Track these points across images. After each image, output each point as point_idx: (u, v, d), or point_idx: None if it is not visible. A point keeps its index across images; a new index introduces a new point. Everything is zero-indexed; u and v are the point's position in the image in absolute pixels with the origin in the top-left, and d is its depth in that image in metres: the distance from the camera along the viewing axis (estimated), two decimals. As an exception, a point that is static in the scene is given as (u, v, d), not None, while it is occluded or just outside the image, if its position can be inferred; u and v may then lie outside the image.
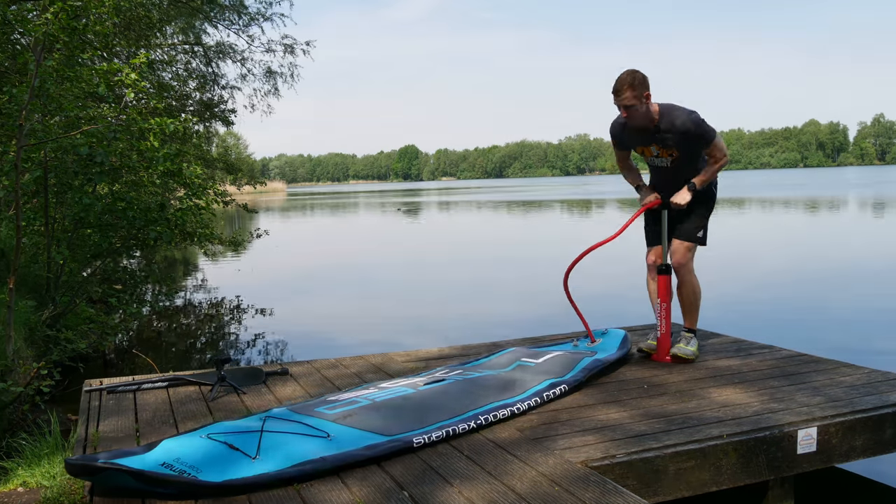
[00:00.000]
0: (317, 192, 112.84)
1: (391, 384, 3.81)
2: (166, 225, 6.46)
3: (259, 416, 3.28)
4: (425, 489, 2.64)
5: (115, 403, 3.80)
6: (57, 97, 5.05)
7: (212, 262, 15.73)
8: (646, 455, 2.97)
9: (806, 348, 4.85)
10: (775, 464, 3.22)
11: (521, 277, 12.22)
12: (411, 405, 3.40)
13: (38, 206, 6.49)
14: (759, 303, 9.04)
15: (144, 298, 10.58)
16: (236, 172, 13.85)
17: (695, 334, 4.53)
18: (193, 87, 13.79)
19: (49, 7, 4.83)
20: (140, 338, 8.21)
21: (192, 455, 2.84)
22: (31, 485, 2.99)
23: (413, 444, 3.04)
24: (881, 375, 4.01)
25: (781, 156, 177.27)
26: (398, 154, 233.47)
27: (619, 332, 4.66)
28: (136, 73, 5.72)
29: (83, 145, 5.15)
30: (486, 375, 3.87)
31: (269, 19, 14.12)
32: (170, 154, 6.42)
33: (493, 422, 3.35)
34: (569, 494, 2.56)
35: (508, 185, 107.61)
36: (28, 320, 5.42)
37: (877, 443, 3.44)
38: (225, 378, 3.95)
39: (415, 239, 20.98)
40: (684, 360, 4.38)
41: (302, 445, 2.93)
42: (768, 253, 14.06)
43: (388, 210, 39.82)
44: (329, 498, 2.59)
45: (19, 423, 4.34)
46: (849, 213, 25.09)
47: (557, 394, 3.73)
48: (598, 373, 4.16)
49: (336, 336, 8.12)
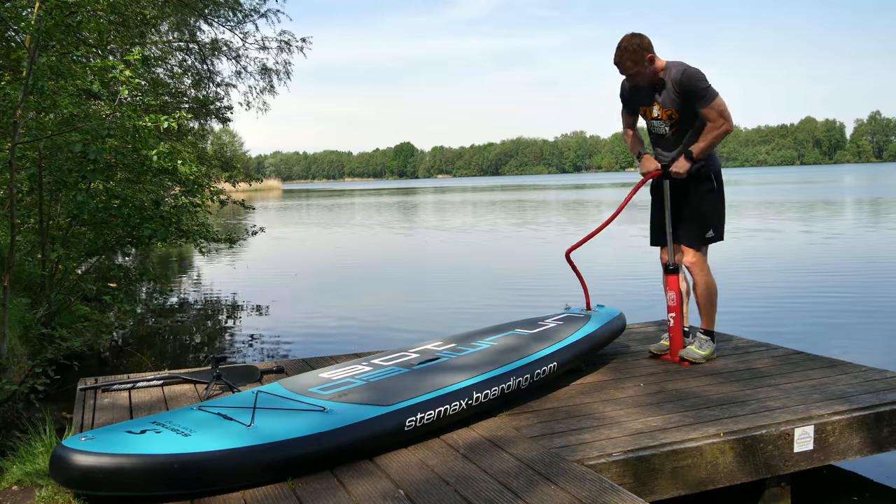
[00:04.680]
0: (312, 189, 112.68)
1: (385, 361, 3.75)
2: (161, 222, 6.44)
3: (252, 390, 3.26)
4: (421, 487, 2.62)
5: (110, 402, 3.79)
6: (51, 94, 5.02)
7: (207, 259, 15.71)
8: (642, 453, 2.96)
9: (803, 346, 4.85)
10: (772, 462, 3.21)
11: (522, 275, 12.22)
12: (407, 382, 3.35)
13: (32, 203, 6.47)
14: (757, 301, 9.04)
15: (139, 296, 10.56)
16: (231, 170, 13.80)
17: (711, 337, 4.39)
18: (188, 84, 13.74)
19: (43, 3, 4.81)
20: (135, 336, 8.18)
21: (184, 420, 2.82)
22: (25, 483, 2.97)
23: (407, 423, 3.01)
24: (878, 374, 4.01)
25: (778, 153, 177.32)
26: (394, 151, 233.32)
27: (615, 310, 4.63)
28: (130, 70, 5.69)
29: (77, 142, 5.13)
30: (481, 349, 3.83)
31: (263, 16, 14.09)
32: (163, 152, 6.40)
33: (483, 402, 3.33)
34: (565, 493, 2.55)
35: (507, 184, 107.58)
36: (22, 318, 5.39)
37: (874, 441, 3.44)
38: (220, 376, 3.94)
39: (414, 238, 20.96)
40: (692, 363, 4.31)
41: (298, 418, 2.89)
42: (766, 251, 14.07)
43: (386, 208, 39.80)
44: (324, 496, 2.57)
45: (14, 421, 4.33)
46: (848, 212, 25.13)
47: (551, 369, 3.72)
48: (593, 345, 4.14)
49: (332, 334, 8.10)
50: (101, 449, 2.54)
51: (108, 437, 2.66)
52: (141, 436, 2.67)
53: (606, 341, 4.34)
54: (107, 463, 2.50)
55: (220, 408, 2.98)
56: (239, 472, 2.63)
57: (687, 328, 4.50)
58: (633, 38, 4.03)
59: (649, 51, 4.02)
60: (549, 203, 38.24)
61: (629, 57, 4.02)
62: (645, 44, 4.02)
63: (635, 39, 4.02)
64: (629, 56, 4.02)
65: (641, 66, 4.03)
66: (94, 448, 2.55)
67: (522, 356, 3.67)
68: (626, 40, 4.03)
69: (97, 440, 2.61)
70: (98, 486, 2.51)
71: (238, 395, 3.28)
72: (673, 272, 4.33)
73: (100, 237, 6.97)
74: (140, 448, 2.57)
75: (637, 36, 4.04)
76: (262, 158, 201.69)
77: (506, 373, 3.49)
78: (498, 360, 3.61)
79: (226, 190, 10.53)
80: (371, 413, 2.97)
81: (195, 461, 2.56)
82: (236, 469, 2.62)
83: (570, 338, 3.98)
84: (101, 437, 2.64)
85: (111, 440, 2.62)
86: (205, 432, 2.72)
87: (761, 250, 14.14)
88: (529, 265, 13.53)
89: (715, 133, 4.06)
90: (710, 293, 4.35)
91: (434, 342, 4.11)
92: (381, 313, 9.34)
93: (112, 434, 2.69)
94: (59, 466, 2.55)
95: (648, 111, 4.27)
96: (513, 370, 3.53)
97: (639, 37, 4.03)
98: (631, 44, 4.01)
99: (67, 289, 6.84)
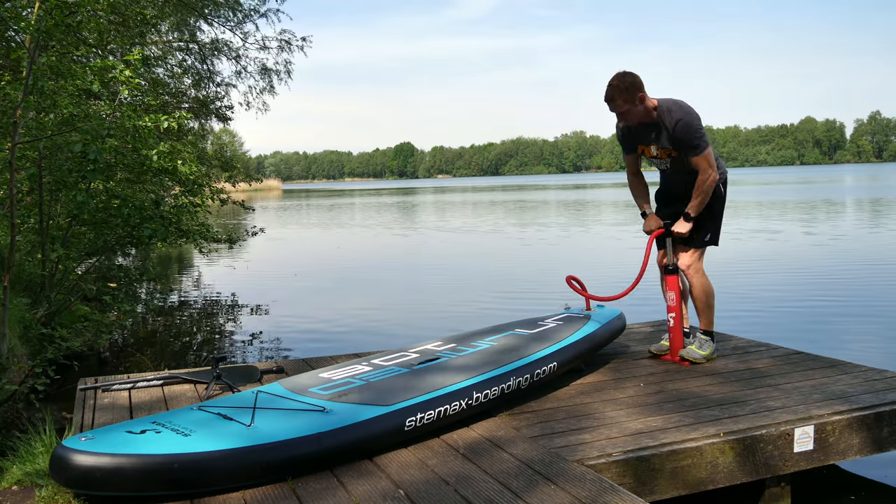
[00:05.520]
0: (312, 189, 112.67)
1: (385, 361, 3.75)
2: (161, 222, 6.44)
3: (252, 390, 3.26)
4: (421, 487, 2.62)
5: (110, 402, 3.79)
6: (51, 94, 5.02)
7: (207, 259, 15.70)
8: (642, 453, 2.96)
9: (803, 346, 4.85)
10: (772, 462, 3.21)
11: (522, 275, 12.22)
12: (407, 382, 3.36)
13: (32, 203, 6.47)
14: (757, 301, 9.04)
15: (139, 296, 10.56)
16: (232, 170, 13.79)
17: (711, 337, 4.42)
18: (188, 83, 13.74)
19: (43, 3, 4.81)
20: (135, 336, 8.18)
21: (184, 420, 2.82)
22: (25, 483, 2.97)
23: (407, 423, 3.01)
24: (878, 374, 4.01)
25: (778, 153, 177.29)
26: (394, 151, 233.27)
27: (615, 310, 4.64)
28: (130, 70, 5.69)
29: (77, 142, 5.13)
30: (480, 349, 3.83)
31: (263, 16, 14.09)
32: (163, 152, 6.40)
33: (483, 402, 3.33)
34: (565, 493, 2.55)
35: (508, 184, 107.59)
36: (23, 318, 5.39)
37: (874, 441, 3.44)
38: (220, 376, 3.94)
39: (413, 238, 20.96)
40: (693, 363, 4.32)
41: (298, 418, 2.89)
42: (766, 252, 14.07)
43: (386, 208, 39.79)
44: (324, 496, 2.57)
45: (14, 421, 4.33)
46: (848, 213, 25.13)
47: (551, 369, 3.72)
48: (593, 345, 4.15)
49: (332, 334, 8.10)
50: (100, 449, 2.54)
51: (108, 437, 2.66)
52: (141, 436, 2.67)
53: (606, 341, 4.34)
54: (107, 463, 2.50)
55: (220, 408, 2.98)
56: (239, 472, 2.63)
57: (687, 328, 4.51)
58: (624, 76, 4.00)
59: (640, 89, 4.00)
60: (549, 203, 38.24)
61: (620, 95, 3.99)
62: (637, 82, 3.99)
63: (627, 78, 3.99)
64: (620, 94, 3.99)
65: (633, 104, 4.00)
66: (94, 448, 2.55)
67: (522, 356, 3.67)
68: (618, 78, 4.00)
69: (97, 440, 2.61)
70: (98, 486, 2.51)
71: (238, 395, 3.29)
72: (672, 273, 4.35)
73: (100, 237, 6.96)
74: (140, 448, 2.57)
75: (628, 74, 4.01)
76: (262, 158, 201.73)
77: (506, 373, 3.49)
78: (498, 360, 3.61)
79: (226, 190, 10.54)
80: (371, 413, 2.97)
81: (195, 461, 2.56)
82: (236, 469, 2.62)
83: (569, 338, 3.98)
84: (100, 437, 2.64)
85: (111, 440, 2.62)
86: (205, 432, 2.72)
87: (761, 250, 14.14)
88: (529, 265, 13.53)
89: (704, 187, 4.14)
90: (707, 295, 4.37)
91: (434, 342, 4.11)
92: (380, 313, 9.34)
93: (112, 434, 2.69)
94: (59, 466, 2.55)
95: (647, 150, 4.29)
96: (513, 370, 3.53)
97: (630, 75, 4.01)
98: (623, 82, 3.98)
99: (67, 289, 6.84)
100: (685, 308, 4.50)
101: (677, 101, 4.12)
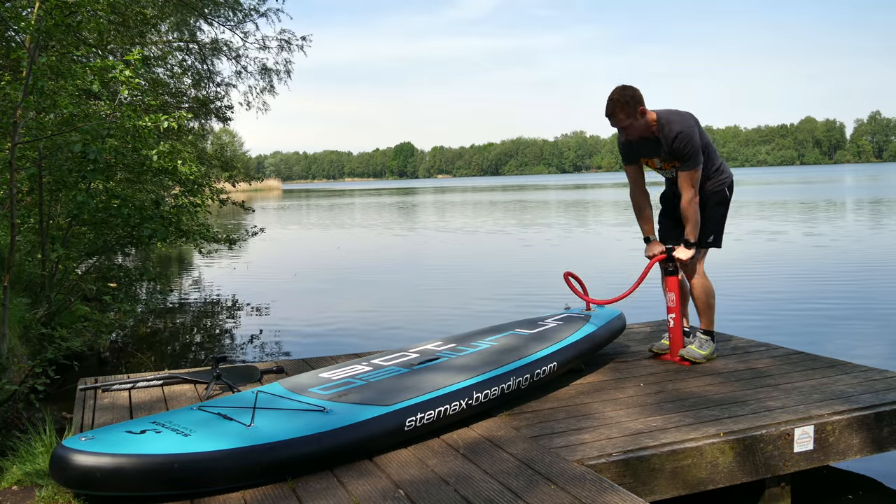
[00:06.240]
0: (312, 189, 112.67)
1: (385, 361, 3.75)
2: (161, 222, 6.44)
3: (252, 390, 3.27)
4: (421, 487, 2.62)
5: (110, 402, 3.79)
6: (51, 94, 5.02)
7: (207, 260, 15.70)
8: (642, 453, 2.96)
9: (803, 347, 4.85)
10: (772, 462, 3.21)
11: (522, 275, 12.21)
12: (407, 382, 3.36)
13: (32, 203, 6.47)
14: (757, 301, 9.05)
15: (139, 296, 10.55)
16: (232, 170, 13.79)
17: (711, 337, 4.42)
18: (188, 83, 13.73)
19: (43, 3, 4.81)
20: (135, 336, 8.18)
21: (184, 420, 2.82)
22: (25, 483, 2.97)
23: (407, 423, 3.01)
24: (878, 374, 4.01)
25: (778, 153, 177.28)
26: (394, 151, 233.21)
27: (614, 310, 4.64)
28: (130, 70, 5.69)
29: (77, 142, 5.13)
30: (480, 349, 3.83)
31: (263, 15, 14.07)
32: (163, 152, 6.39)
33: (483, 402, 3.33)
34: (565, 493, 2.55)
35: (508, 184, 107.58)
36: (23, 318, 5.39)
37: (874, 441, 3.44)
38: (220, 376, 3.94)
39: (413, 238, 20.95)
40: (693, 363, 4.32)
41: (298, 418, 2.89)
42: (766, 252, 14.07)
43: (386, 209, 39.79)
44: (324, 496, 2.57)
45: (14, 421, 4.33)
46: (848, 213, 25.13)
47: (551, 369, 3.72)
48: (593, 345, 4.15)
49: (332, 334, 8.10)
50: (100, 449, 2.54)
51: (108, 437, 2.66)
52: (141, 436, 2.67)
53: (606, 341, 4.34)
54: (107, 463, 2.50)
55: (220, 408, 2.98)
56: (239, 472, 2.63)
57: (687, 328, 4.51)
58: (624, 90, 3.99)
59: (641, 103, 3.99)
60: (549, 203, 38.23)
61: (622, 109, 3.98)
62: (637, 96, 3.98)
63: (627, 91, 3.98)
64: (621, 108, 3.97)
65: (633, 118, 3.99)
66: (94, 448, 2.55)
67: (522, 356, 3.67)
68: (618, 92, 3.99)
69: (97, 440, 2.61)
70: (98, 486, 2.51)
71: (238, 395, 3.29)
72: (672, 273, 4.34)
73: (100, 237, 6.96)
74: (140, 448, 2.57)
75: (628, 88, 4.00)
76: (262, 158, 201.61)
77: (506, 373, 3.49)
78: (498, 360, 3.61)
79: (226, 190, 10.53)
80: (371, 413, 2.97)
81: (195, 461, 2.56)
82: (236, 469, 2.62)
83: (569, 338, 3.98)
84: (100, 437, 2.64)
85: (111, 440, 2.62)
86: (205, 432, 2.72)
87: (761, 250, 14.14)
88: (529, 265, 13.53)
89: (690, 210, 4.15)
90: (707, 295, 4.37)
91: (434, 342, 4.11)
92: (380, 313, 9.34)
93: (112, 434, 2.69)
94: (59, 466, 2.55)
95: (651, 163, 4.29)
96: (513, 370, 3.53)
97: (630, 89, 3.99)
98: (623, 96, 3.97)
99: (67, 289, 6.84)
100: (685, 308, 4.51)
101: (680, 112, 4.11)
